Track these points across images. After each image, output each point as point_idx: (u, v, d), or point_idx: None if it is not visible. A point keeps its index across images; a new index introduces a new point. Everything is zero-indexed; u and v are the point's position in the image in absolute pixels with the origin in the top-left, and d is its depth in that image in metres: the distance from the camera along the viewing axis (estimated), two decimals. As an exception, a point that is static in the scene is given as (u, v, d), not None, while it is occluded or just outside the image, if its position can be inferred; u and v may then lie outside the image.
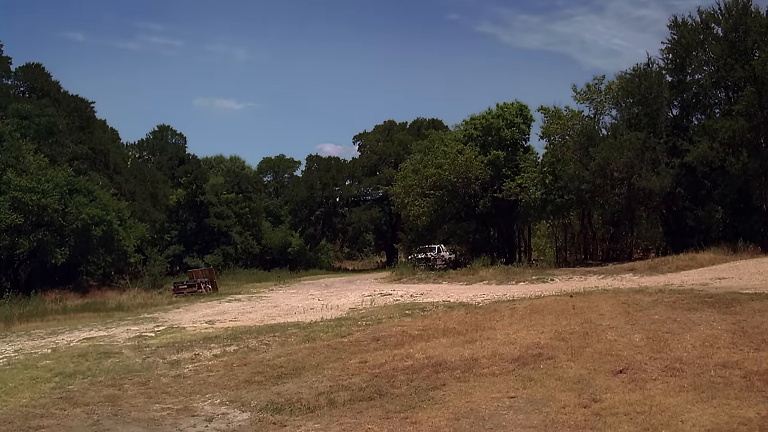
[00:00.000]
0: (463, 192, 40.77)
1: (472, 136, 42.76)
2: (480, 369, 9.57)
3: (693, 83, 36.64)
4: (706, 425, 6.55)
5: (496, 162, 40.78)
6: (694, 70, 36.66)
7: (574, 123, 38.48)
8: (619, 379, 8.45)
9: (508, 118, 42.33)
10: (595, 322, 11.57)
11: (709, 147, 32.22)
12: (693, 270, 23.49)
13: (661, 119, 35.36)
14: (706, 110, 37.02)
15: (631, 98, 36.59)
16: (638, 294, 14.17)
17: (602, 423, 6.90)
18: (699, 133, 34.08)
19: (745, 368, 8.24)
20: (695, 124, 36.60)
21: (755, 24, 32.55)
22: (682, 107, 37.35)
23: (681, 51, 35.92)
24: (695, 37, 35.59)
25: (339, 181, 69.43)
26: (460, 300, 18.57)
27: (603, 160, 33.61)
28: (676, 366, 8.66)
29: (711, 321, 10.84)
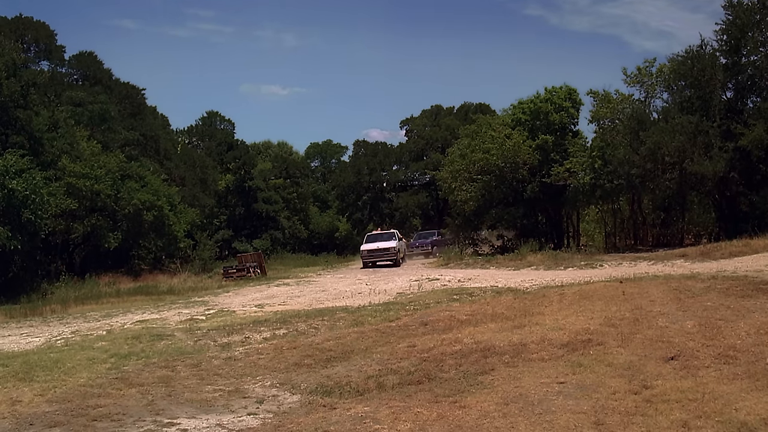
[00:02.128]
0: (510, 177, 40.43)
1: (520, 121, 42.34)
2: (529, 354, 9.55)
3: (748, 65, 35.70)
4: (761, 414, 6.45)
5: (544, 146, 40.34)
6: (749, 51, 35.69)
7: (624, 107, 37.81)
8: (670, 366, 8.35)
9: (556, 102, 41.79)
10: (645, 308, 11.45)
11: (765, 130, 31.45)
12: (747, 256, 23.00)
13: (715, 102, 34.57)
14: (761, 92, 36.03)
15: (683, 81, 35.83)
16: (690, 280, 13.97)
17: (653, 409, 6.84)
18: (754, 116, 33.26)
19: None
20: (750, 106, 35.68)
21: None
22: (736, 90, 36.45)
23: (736, 32, 35.00)
24: (751, 17, 34.65)
25: (386, 166, 69.54)
26: (508, 285, 18.50)
27: (654, 144, 33.01)
28: (730, 353, 8.53)
29: (766, 308, 10.65)
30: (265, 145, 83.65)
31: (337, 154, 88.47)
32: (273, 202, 63.66)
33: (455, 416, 7.19)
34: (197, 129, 74.85)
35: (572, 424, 6.67)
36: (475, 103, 68.24)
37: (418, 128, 71.07)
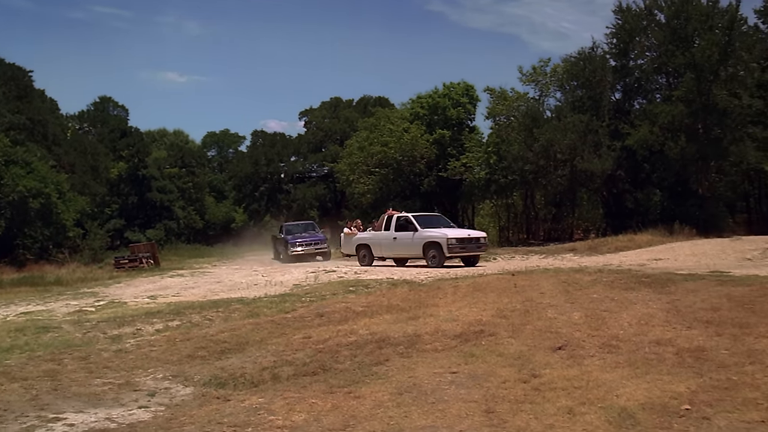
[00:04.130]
0: (408, 170, 40.93)
1: (419, 115, 42.87)
2: (423, 345, 9.70)
3: (635, 68, 37.37)
4: (639, 399, 6.78)
5: (441, 141, 41.00)
6: (636, 55, 37.37)
7: (519, 104, 38.88)
8: (558, 355, 8.66)
9: (454, 98, 42.52)
10: (535, 300, 11.80)
11: (650, 131, 32.99)
12: (631, 251, 24.10)
13: (604, 103, 36.00)
14: (647, 95, 37.82)
15: (575, 81, 37.17)
16: (578, 273, 14.45)
17: (541, 397, 7.08)
18: (640, 117, 34.84)
19: (678, 345, 8.52)
20: (637, 108, 37.39)
21: (696, 12, 33.27)
22: (624, 91, 38.08)
23: (625, 36, 36.52)
24: (639, 23, 36.25)
25: (284, 157, 69.13)
26: (404, 277, 18.71)
27: (547, 141, 34.10)
28: (613, 343, 8.90)
29: (647, 300, 11.14)
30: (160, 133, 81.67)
31: (234, 143, 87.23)
32: (168, 192, 62.29)
33: (349, 406, 7.25)
34: (89, 115, 72.29)
35: (464, 413, 6.83)
36: (374, 96, 68.56)
37: (317, 120, 70.86)
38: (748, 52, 33.26)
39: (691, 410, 6.45)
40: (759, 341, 8.42)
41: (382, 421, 6.78)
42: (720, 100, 31.81)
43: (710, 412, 6.38)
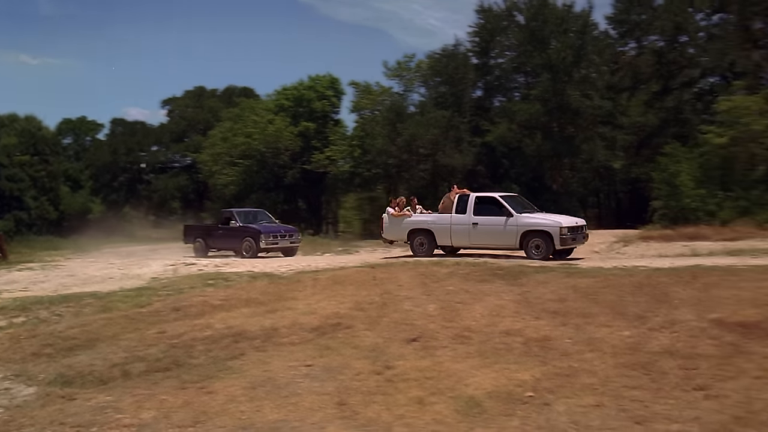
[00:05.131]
0: (272, 162, 40.59)
1: (284, 107, 42.58)
2: (279, 338, 9.66)
3: (496, 67, 38.62)
4: (487, 388, 7.04)
5: (306, 133, 40.90)
6: (497, 54, 38.59)
7: (384, 99, 39.32)
8: (412, 347, 8.84)
9: (319, 91, 42.52)
10: (393, 292, 11.97)
11: (508, 128, 34.23)
12: (489, 244, 24.85)
13: (466, 99, 36.97)
14: (506, 93, 39.15)
15: (438, 77, 37.93)
16: (436, 266, 14.76)
17: (393, 388, 7.23)
18: (499, 114, 36.07)
19: (526, 335, 8.89)
20: (496, 105, 38.61)
21: (552, 15, 34.72)
22: (485, 89, 39.25)
23: (486, 35, 37.65)
24: (499, 23, 37.42)
25: (145, 146, 66.87)
26: (265, 270, 18.54)
27: (410, 136, 34.70)
28: (465, 334, 9.17)
29: (499, 292, 11.52)
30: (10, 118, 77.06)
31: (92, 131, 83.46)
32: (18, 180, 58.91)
33: (201, 402, 7.14)
34: (-72, 96, 67.51)
35: (316, 405, 6.87)
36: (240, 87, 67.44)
37: (180, 109, 68.89)
38: (599, 55, 35.07)
39: (534, 397, 6.76)
40: (599, 330, 8.91)
41: (233, 416, 6.72)
42: (573, 100, 33.37)
43: (551, 398, 6.71)
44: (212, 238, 25.90)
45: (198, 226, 29.51)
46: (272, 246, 24.42)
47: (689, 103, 36.69)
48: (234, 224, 25.18)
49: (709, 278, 11.15)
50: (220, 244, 25.85)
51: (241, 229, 24.93)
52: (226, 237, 25.42)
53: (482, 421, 6.28)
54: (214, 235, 25.91)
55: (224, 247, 25.78)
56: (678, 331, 8.59)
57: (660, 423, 5.97)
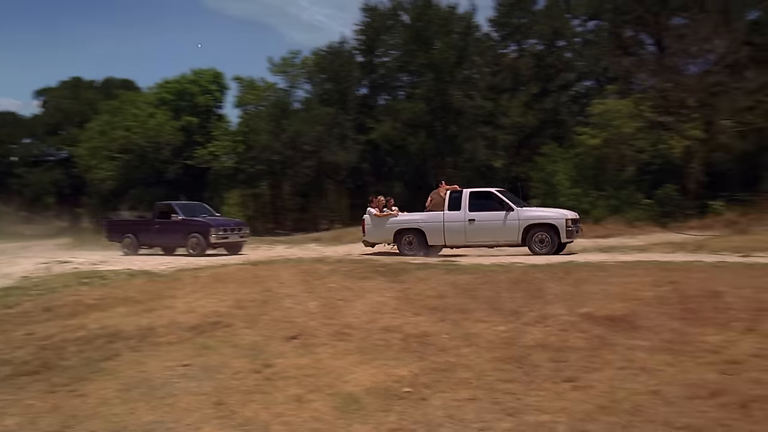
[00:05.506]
0: (153, 157, 39.50)
1: (165, 100, 41.52)
2: (156, 338, 9.41)
3: (381, 65, 38.93)
4: (365, 384, 7.08)
5: (188, 128, 40.04)
6: (382, 53, 38.92)
7: (269, 94, 38.98)
8: (291, 344, 8.79)
9: (203, 85, 41.70)
10: (274, 290, 11.88)
11: (392, 126, 34.62)
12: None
13: (351, 97, 37.14)
14: (391, 92, 39.52)
15: (323, 74, 37.93)
16: (318, 263, 14.73)
17: (272, 387, 7.17)
18: (384, 112, 36.41)
19: (405, 332, 8.99)
20: (381, 104, 38.95)
21: (436, 16, 35.33)
22: (370, 87, 39.51)
23: (372, 34, 37.91)
24: (385, 22, 37.76)
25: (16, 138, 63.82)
26: (144, 268, 18.04)
27: (294, 132, 34.56)
28: (345, 331, 9.20)
29: (381, 289, 11.61)
30: None
31: (-43, 122, 79.30)
32: None
33: (71, 405, 6.88)
34: None
35: (193, 406, 6.74)
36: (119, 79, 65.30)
37: (55, 100, 66.09)
38: (481, 57, 35.95)
39: (411, 392, 6.85)
40: (476, 325, 9.11)
41: (105, 418, 6.52)
42: (456, 100, 34.06)
43: (428, 393, 6.81)
44: (146, 234, 23.59)
45: (126, 221, 26.82)
46: (222, 241, 22.50)
47: (566, 105, 38.14)
48: (176, 218, 22.90)
49: (580, 274, 11.59)
50: (157, 241, 23.69)
51: (185, 223, 22.69)
52: (165, 232, 23.21)
53: (360, 418, 6.31)
54: (150, 231, 23.54)
55: (163, 243, 23.73)
56: (550, 326, 8.88)
57: (531, 414, 6.16)
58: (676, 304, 9.39)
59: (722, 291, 9.75)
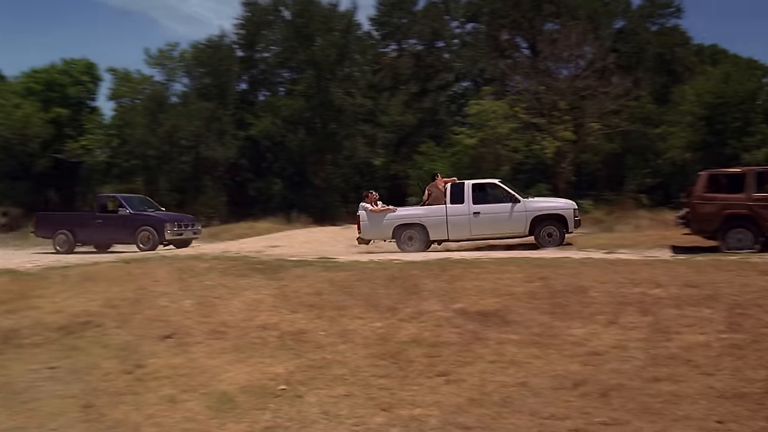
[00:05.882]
0: (19, 149, 37.57)
1: (33, 91, 39.58)
2: (21, 340, 9.01)
3: (261, 61, 38.59)
4: (240, 383, 7.03)
5: (58, 120, 38.34)
6: (263, 48, 38.58)
7: (145, 87, 37.88)
8: (165, 344, 8.61)
9: (74, 76, 40.00)
10: (148, 288, 11.57)
11: (272, 122, 34.40)
12: (251, 238, 24.75)
13: (230, 92, 36.60)
14: (271, 88, 39.24)
15: (202, 68, 37.17)
16: (194, 260, 14.41)
17: (144, 387, 7.02)
18: (264, 108, 36.15)
19: (282, 329, 8.97)
20: (261, 99, 38.60)
21: (317, 13, 35.33)
22: (250, 82, 39.09)
23: (252, 28, 37.54)
24: (265, 17, 37.45)
25: None
26: (8, 266, 17.20)
27: (171, 126, 33.74)
28: (221, 329, 9.08)
29: (258, 286, 11.49)
30: None
31: None
32: None
33: None
34: None
35: (59, 409, 6.52)
36: (-16, 68, 61.99)
37: None
38: (362, 55, 36.25)
39: (287, 390, 6.86)
40: (352, 322, 9.18)
41: (-39, 428, 6.20)
42: (336, 97, 34.16)
43: (304, 390, 6.84)
44: (86, 229, 21.70)
45: (62, 215, 24.52)
46: (177, 237, 21.21)
47: (444, 105, 39.00)
48: (124, 212, 21.25)
49: (455, 271, 11.85)
50: (98, 237, 21.77)
51: (134, 217, 21.17)
52: (109, 227, 21.35)
53: (234, 417, 6.27)
54: (90, 226, 21.65)
55: (106, 240, 21.87)
56: (425, 321, 9.06)
57: (404, 408, 6.28)
58: (545, 299, 9.76)
59: (588, 286, 10.21)
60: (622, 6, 38.47)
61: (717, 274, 10.70)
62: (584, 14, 33.85)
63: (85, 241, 21.92)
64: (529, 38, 36.49)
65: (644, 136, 33.48)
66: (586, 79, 30.83)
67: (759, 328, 8.07)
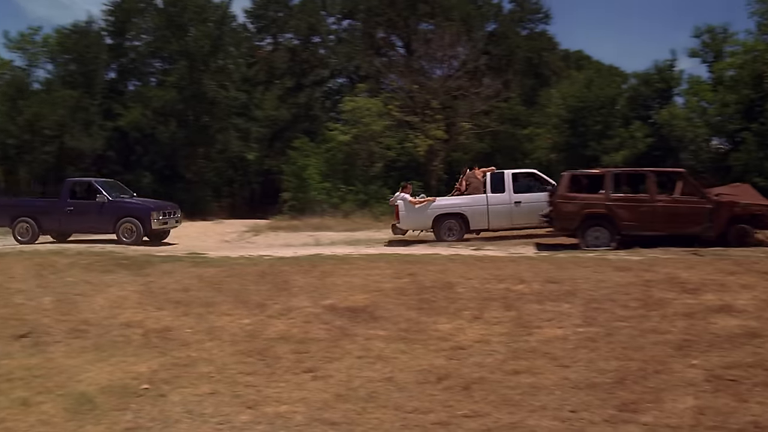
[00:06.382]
0: None
1: None
2: None
3: (131, 49, 37.31)
4: (101, 383, 6.80)
5: None
6: (133, 36, 37.31)
7: (4, 72, 35.92)
8: (20, 343, 8.24)
9: (-75, 58, 37.55)
10: (4, 285, 11.05)
11: (142, 114, 33.31)
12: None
13: (98, 81, 35.17)
14: (142, 77, 37.98)
15: (68, 54, 35.57)
16: (55, 256, 13.86)
17: (-7, 391, 6.68)
18: (134, 98, 34.95)
19: (146, 326, 8.76)
20: (131, 89, 37.34)
21: (191, 3, 34.43)
22: (119, 71, 37.70)
23: (122, 15, 36.22)
24: (136, 4, 36.25)
25: None
26: None
27: (33, 115, 32.13)
28: (82, 327, 8.78)
29: (123, 282, 11.18)
30: None
31: None
32: None
33: None
34: None
35: None
36: None
37: None
38: (237, 48, 35.74)
39: (149, 389, 6.68)
40: (220, 318, 9.08)
41: None
42: (209, 90, 33.48)
43: (167, 389, 6.68)
44: (53, 217, 19.14)
45: (22, 202, 21.17)
46: (162, 227, 19.23)
47: (319, 100, 39.02)
48: (102, 199, 18.76)
49: (326, 266, 11.91)
50: (69, 226, 19.34)
51: (114, 205, 18.79)
52: (83, 216, 18.87)
53: (93, 418, 6.04)
54: (58, 214, 19.03)
55: (78, 229, 19.56)
56: (294, 318, 9.07)
57: (270, 405, 6.25)
58: (414, 295, 9.97)
59: (455, 282, 10.49)
60: (494, 10, 39.68)
61: (576, 270, 11.23)
62: (458, 16, 34.64)
63: (53, 231, 19.63)
64: (404, 37, 37.01)
65: (513, 137, 34.63)
66: (459, 80, 31.59)
67: (612, 322, 8.52)
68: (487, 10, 39.16)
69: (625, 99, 31.55)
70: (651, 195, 15.77)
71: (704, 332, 7.95)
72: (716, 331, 7.98)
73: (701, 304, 9.04)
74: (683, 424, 5.65)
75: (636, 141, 28.91)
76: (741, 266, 11.29)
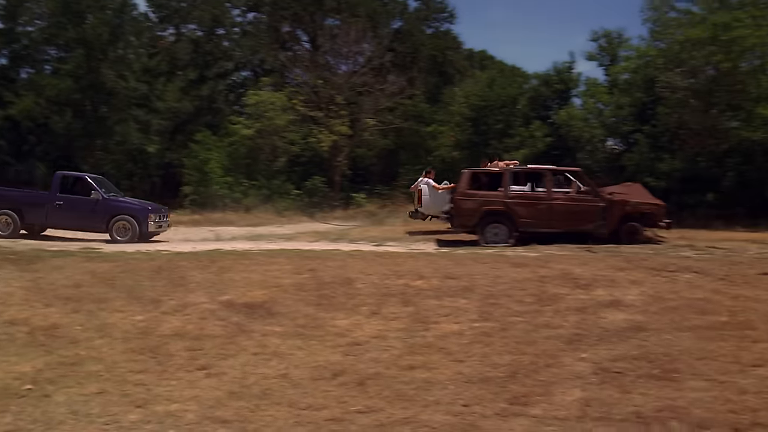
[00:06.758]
0: None
1: None
2: None
3: (24, 35, 35.78)
4: None
5: None
6: (26, 21, 35.81)
7: None
8: None
9: None
10: None
11: (35, 102, 32.04)
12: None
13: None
14: (35, 65, 36.49)
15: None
16: None
17: None
18: (26, 86, 33.57)
19: (33, 324, 8.39)
20: (23, 77, 35.84)
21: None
22: (11, 58, 36.11)
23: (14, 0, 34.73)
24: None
25: None
26: None
27: None
28: None
29: (9, 278, 10.72)
30: None
31: None
32: None
33: None
34: None
35: None
36: None
37: None
38: (137, 37, 34.77)
39: (33, 389, 6.40)
40: (112, 315, 8.80)
41: None
42: (108, 79, 32.47)
43: (52, 389, 6.42)
44: (39, 210, 18.06)
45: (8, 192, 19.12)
46: (157, 230, 18.44)
47: (222, 93, 38.38)
48: (96, 195, 17.95)
49: (224, 262, 11.75)
50: (57, 221, 18.21)
51: (109, 204, 18.05)
52: (73, 212, 17.95)
53: (-31, 421, 5.75)
54: (45, 208, 17.99)
55: (66, 225, 18.33)
56: (190, 314, 8.87)
57: (160, 404, 6.08)
58: (313, 290, 9.92)
59: (354, 278, 10.51)
60: (399, 7, 39.91)
61: (474, 266, 11.41)
62: (364, 12, 34.72)
63: (37, 225, 18.59)
64: (310, 32, 36.85)
65: (416, 134, 34.93)
66: (364, 76, 31.69)
67: (507, 317, 8.68)
68: (392, 8, 39.37)
69: (526, 99, 32.30)
70: (548, 193, 16.20)
71: (594, 326, 8.20)
72: (605, 325, 8.24)
73: (592, 299, 9.33)
74: (570, 415, 5.79)
75: (536, 140, 29.67)
76: (630, 263, 11.74)
